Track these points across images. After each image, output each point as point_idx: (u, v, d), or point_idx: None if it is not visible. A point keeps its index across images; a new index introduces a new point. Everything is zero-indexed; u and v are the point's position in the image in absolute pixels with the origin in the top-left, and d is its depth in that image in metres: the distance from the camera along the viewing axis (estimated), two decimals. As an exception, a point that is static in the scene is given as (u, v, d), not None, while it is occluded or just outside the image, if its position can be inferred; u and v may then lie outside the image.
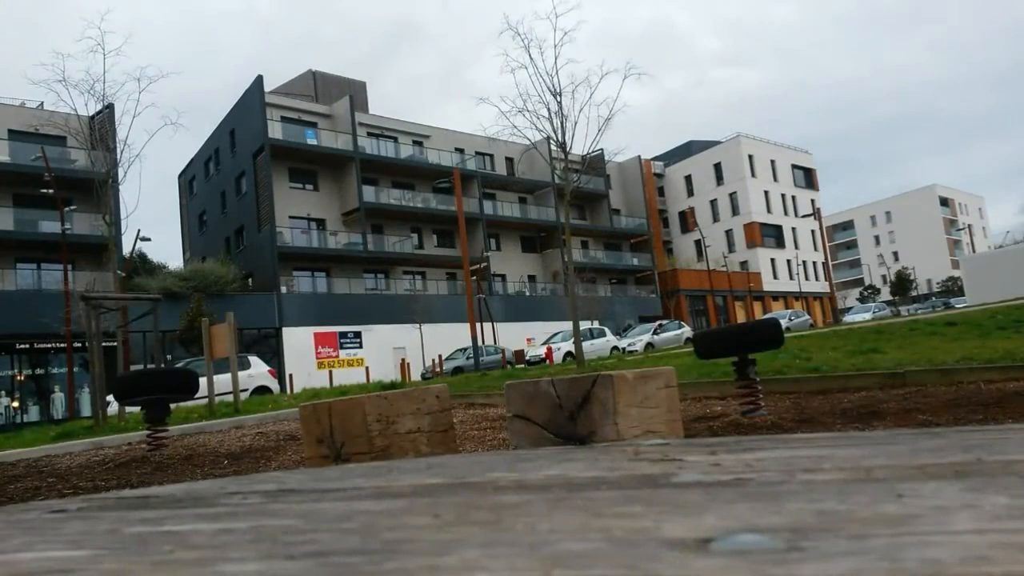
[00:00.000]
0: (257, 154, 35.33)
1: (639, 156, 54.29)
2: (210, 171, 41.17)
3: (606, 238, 51.00)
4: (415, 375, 28.82)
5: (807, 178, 63.62)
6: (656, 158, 63.44)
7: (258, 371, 19.05)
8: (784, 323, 27.74)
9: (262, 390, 18.22)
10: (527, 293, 44.22)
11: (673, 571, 0.42)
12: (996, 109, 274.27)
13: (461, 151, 43.43)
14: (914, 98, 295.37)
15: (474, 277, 30.93)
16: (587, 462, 1.05)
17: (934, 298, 70.60)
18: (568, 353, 24.58)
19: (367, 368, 31.34)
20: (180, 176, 45.56)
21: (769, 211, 58.49)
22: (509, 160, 44.27)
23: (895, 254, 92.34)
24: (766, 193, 58.61)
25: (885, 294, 72.67)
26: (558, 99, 14.51)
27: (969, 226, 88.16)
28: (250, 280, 34.54)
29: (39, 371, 27.11)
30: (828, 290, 54.80)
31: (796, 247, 59.76)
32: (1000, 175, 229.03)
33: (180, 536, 0.67)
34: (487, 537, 0.56)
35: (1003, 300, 19.25)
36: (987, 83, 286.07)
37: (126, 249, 26.01)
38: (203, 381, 7.50)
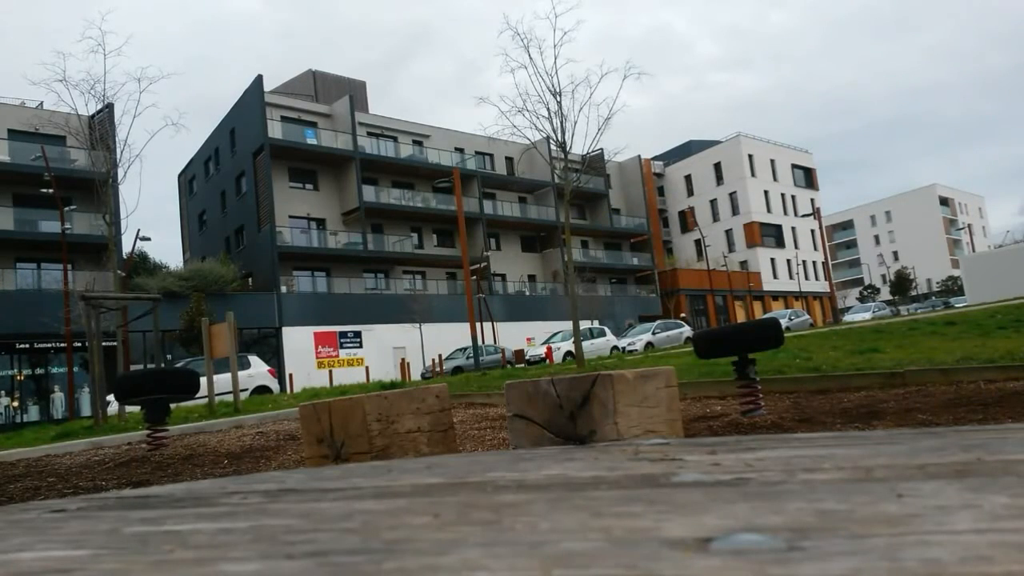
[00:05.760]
0: (257, 154, 35.32)
1: (639, 156, 54.28)
2: (210, 171, 41.16)
3: (606, 238, 51.00)
4: (415, 375, 28.82)
5: (807, 178, 63.62)
6: (656, 158, 63.43)
7: (258, 371, 19.05)
8: (784, 323, 27.75)
9: (262, 390, 18.22)
10: (527, 293, 44.21)
11: (673, 571, 0.42)
12: (995, 110, 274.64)
13: (461, 151, 43.42)
14: (913, 100, 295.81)
15: (474, 277, 30.93)
16: (587, 462, 1.05)
17: (934, 298, 70.60)
18: (568, 353, 24.58)
19: (367, 368, 31.35)
20: (180, 176, 45.55)
21: (769, 211, 58.49)
22: (509, 160, 44.26)
23: (895, 254, 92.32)
24: (766, 193, 58.61)
25: (885, 294, 72.67)
26: (558, 99, 14.51)
27: (969, 226, 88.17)
28: (250, 280, 34.53)
29: (39, 371, 27.11)
30: (828, 290, 54.77)
31: (796, 247, 59.76)
32: (1000, 175, 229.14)
33: (180, 536, 0.67)
34: (487, 537, 0.56)
35: (1003, 300, 19.25)
36: (985, 85, 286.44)
37: (126, 249, 26.01)
38: (203, 381, 7.50)
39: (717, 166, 58.99)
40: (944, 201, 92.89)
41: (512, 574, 0.44)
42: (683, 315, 34.95)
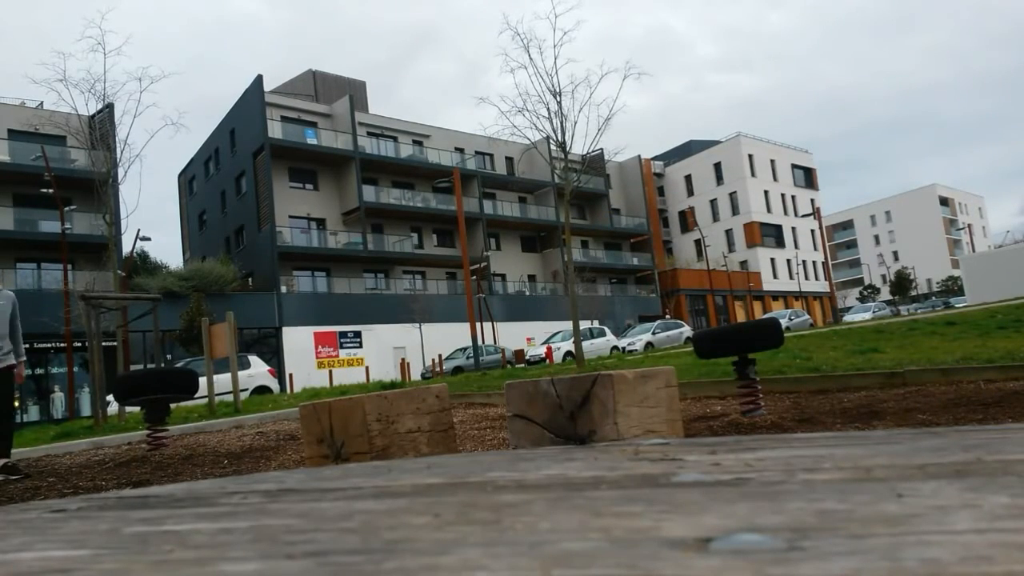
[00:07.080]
0: (257, 154, 35.33)
1: (639, 156, 54.27)
2: (210, 171, 41.16)
3: (606, 238, 50.99)
4: (415, 375, 28.81)
5: (807, 178, 63.62)
6: (656, 158, 63.42)
7: (258, 371, 19.06)
8: (784, 323, 27.74)
9: (262, 390, 18.22)
10: (527, 293, 44.21)
11: (673, 571, 0.42)
12: (995, 110, 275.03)
13: (461, 151, 43.42)
14: (912, 101, 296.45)
15: (474, 277, 30.93)
16: (587, 462, 1.05)
17: (934, 298, 70.61)
18: (568, 353, 24.58)
19: (367, 368, 31.34)
20: (180, 176, 45.55)
21: (769, 211, 58.49)
22: (509, 160, 44.24)
23: (895, 254, 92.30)
24: (766, 193, 58.61)
25: (885, 294, 72.64)
26: (558, 99, 14.52)
27: (969, 226, 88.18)
28: (250, 280, 34.53)
29: (39, 371, 27.11)
30: (828, 290, 54.78)
31: (796, 247, 59.75)
32: (1000, 175, 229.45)
33: (180, 536, 0.67)
34: (487, 536, 0.56)
35: (1003, 300, 19.25)
36: (985, 85, 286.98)
37: (126, 249, 26.00)
38: (203, 381, 7.50)
39: (717, 166, 58.97)
40: (944, 201, 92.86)
41: (512, 574, 0.44)
42: (667, 315, 35.15)
